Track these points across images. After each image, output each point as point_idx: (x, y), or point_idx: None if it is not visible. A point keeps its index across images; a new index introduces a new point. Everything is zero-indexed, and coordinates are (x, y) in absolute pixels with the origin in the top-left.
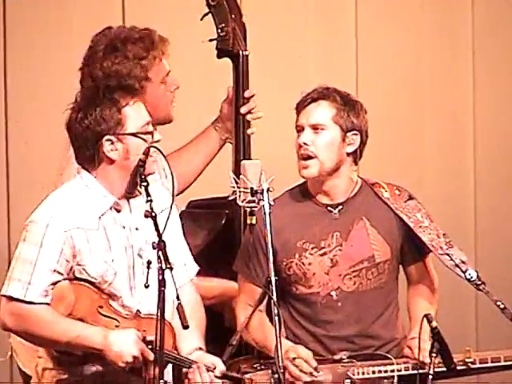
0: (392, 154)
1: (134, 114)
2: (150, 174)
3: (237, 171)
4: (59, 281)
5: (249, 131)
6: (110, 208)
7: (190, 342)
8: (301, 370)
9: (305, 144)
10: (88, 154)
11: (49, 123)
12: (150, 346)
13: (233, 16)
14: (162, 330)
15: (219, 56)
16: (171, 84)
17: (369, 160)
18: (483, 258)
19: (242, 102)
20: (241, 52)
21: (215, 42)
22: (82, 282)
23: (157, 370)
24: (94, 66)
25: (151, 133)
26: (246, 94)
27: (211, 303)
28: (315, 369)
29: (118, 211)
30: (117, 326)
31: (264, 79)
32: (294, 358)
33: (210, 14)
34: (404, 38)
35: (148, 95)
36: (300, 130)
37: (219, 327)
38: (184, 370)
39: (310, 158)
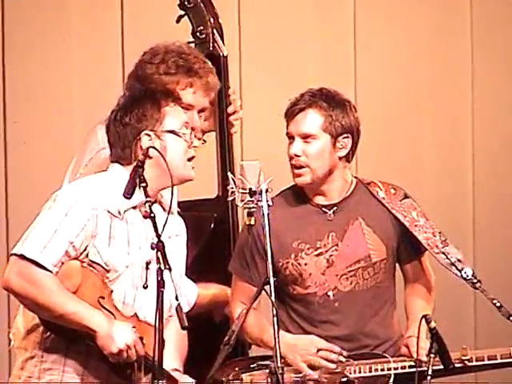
0: (390, 154)
1: (173, 114)
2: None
3: (223, 171)
4: (69, 258)
5: (232, 130)
6: (135, 206)
7: (170, 361)
8: (330, 361)
9: (296, 155)
10: (124, 150)
11: (47, 123)
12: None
13: (210, 18)
14: (161, 330)
15: None
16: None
17: (368, 160)
18: (482, 257)
19: (227, 101)
20: (220, 53)
21: (193, 44)
22: (91, 268)
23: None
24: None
25: (191, 133)
26: (231, 92)
27: (204, 310)
28: (340, 354)
29: (142, 213)
30: None
31: (262, 79)
32: (318, 351)
33: (186, 17)
34: (402, 38)
35: None
36: (290, 137)
37: (209, 333)
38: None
39: (302, 166)
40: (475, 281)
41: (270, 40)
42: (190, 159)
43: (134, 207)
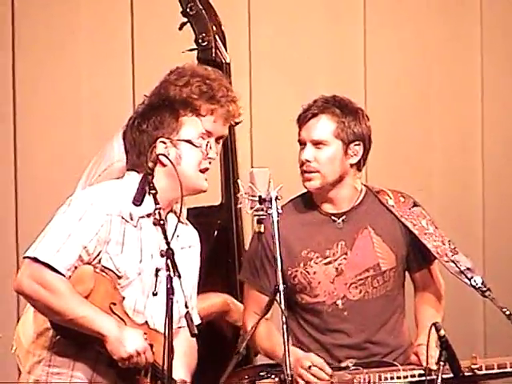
0: (400, 158)
1: (191, 124)
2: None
3: (227, 178)
4: (82, 262)
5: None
6: (149, 214)
7: (179, 372)
8: (318, 378)
9: (307, 161)
10: (140, 157)
11: (56, 126)
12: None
13: (213, 25)
14: (170, 337)
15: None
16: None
17: (377, 165)
18: (491, 260)
19: None
20: (223, 60)
21: (196, 51)
22: (104, 274)
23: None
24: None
25: (207, 143)
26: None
27: (207, 320)
28: (331, 376)
29: (155, 223)
30: None
31: (272, 82)
32: (310, 367)
33: (188, 24)
34: (412, 43)
35: None
36: (302, 144)
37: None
38: None
39: (312, 171)
40: (485, 289)
41: (279, 46)
42: (203, 170)
43: (149, 215)
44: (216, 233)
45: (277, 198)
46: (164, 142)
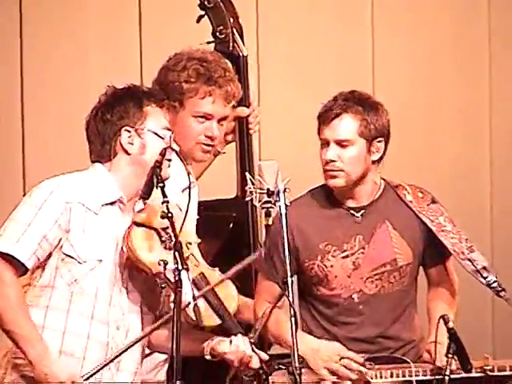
0: (408, 157)
1: (155, 115)
2: (166, 178)
3: (242, 171)
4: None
5: (251, 131)
6: (114, 202)
7: None
8: (350, 370)
9: (331, 161)
10: (104, 147)
11: (65, 125)
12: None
13: (230, 18)
14: (178, 331)
15: None
16: (207, 129)
17: (385, 166)
18: (499, 258)
19: (247, 102)
20: (240, 53)
21: (213, 44)
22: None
23: None
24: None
25: (170, 135)
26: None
27: None
28: (363, 365)
29: (122, 210)
30: None
31: (280, 79)
32: (341, 359)
33: (206, 16)
34: (421, 46)
35: (177, 118)
36: (324, 143)
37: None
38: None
39: (336, 170)
40: (500, 289)
41: (287, 43)
42: (168, 161)
43: (112, 203)
44: (231, 226)
45: (285, 190)
46: (128, 131)
